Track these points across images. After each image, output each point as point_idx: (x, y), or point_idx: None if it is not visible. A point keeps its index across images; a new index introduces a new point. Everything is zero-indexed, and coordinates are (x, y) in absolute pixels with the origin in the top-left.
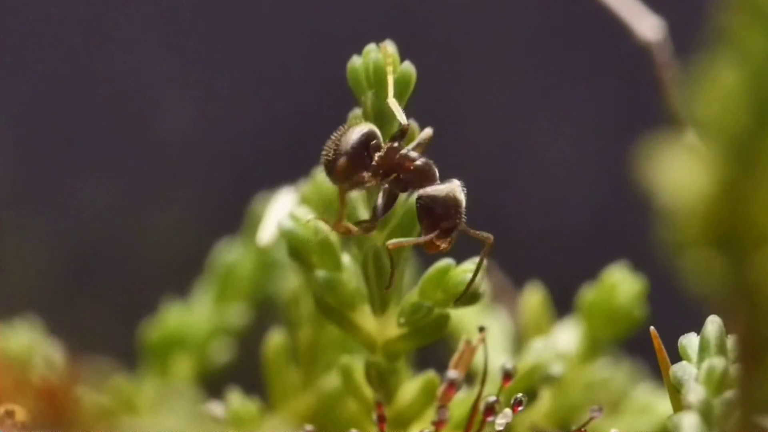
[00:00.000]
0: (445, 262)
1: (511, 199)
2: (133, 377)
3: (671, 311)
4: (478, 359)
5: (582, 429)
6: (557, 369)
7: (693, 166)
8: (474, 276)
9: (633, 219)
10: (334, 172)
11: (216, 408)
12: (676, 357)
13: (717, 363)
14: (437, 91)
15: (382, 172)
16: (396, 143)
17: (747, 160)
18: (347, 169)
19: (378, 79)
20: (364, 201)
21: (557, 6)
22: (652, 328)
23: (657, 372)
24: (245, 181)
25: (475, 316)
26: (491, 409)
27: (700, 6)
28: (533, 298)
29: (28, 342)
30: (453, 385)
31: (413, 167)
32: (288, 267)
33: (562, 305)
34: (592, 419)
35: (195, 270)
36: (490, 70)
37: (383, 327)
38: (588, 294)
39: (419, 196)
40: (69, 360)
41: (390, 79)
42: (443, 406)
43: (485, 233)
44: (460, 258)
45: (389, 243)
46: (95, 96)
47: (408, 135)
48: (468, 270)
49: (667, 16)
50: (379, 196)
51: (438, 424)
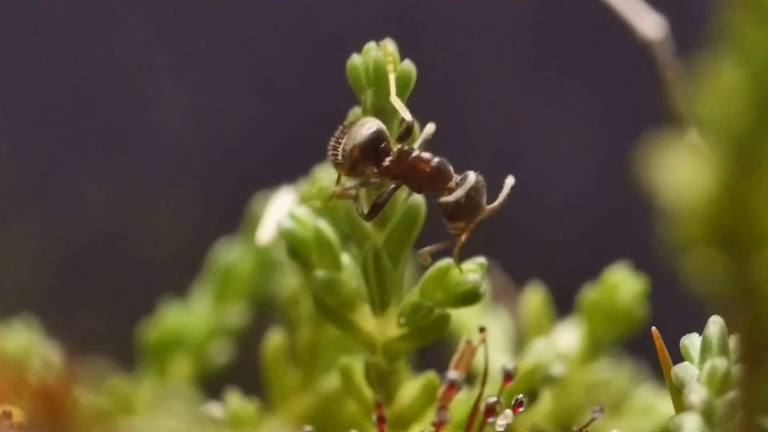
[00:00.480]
0: (446, 262)
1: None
2: (132, 378)
3: (673, 311)
4: (478, 360)
5: (583, 430)
6: (558, 369)
7: (695, 165)
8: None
9: (635, 218)
10: (343, 162)
11: (215, 409)
12: (677, 357)
13: (719, 363)
14: (437, 91)
15: (393, 173)
16: (407, 146)
17: (749, 159)
18: (358, 161)
19: (378, 78)
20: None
21: (559, 5)
22: (653, 328)
23: (659, 372)
24: (244, 181)
25: (476, 316)
26: (492, 410)
27: (702, 4)
28: (534, 297)
29: (25, 342)
30: (453, 386)
31: (430, 169)
32: (287, 267)
33: (563, 305)
34: (593, 420)
35: (194, 270)
36: (490, 69)
37: (383, 327)
38: (589, 294)
39: (445, 203)
40: (66, 360)
41: (391, 77)
42: (443, 407)
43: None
44: (460, 258)
45: (419, 253)
46: (93, 95)
47: (412, 132)
48: (469, 270)
49: (669, 14)
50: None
51: (438, 425)
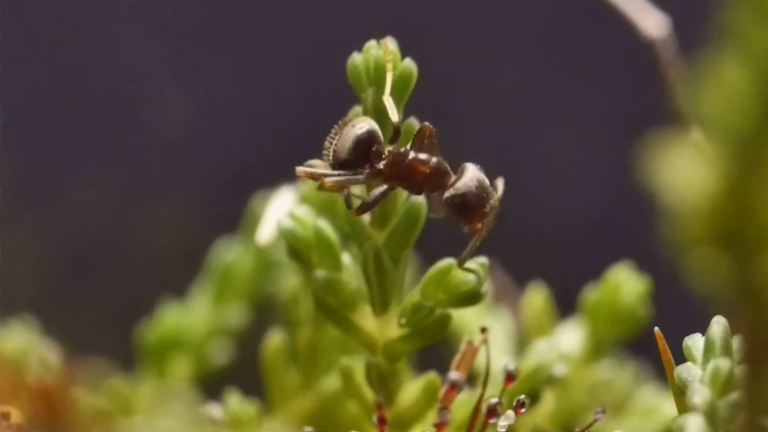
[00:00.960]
0: (447, 261)
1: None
2: (131, 378)
3: (676, 311)
4: (480, 360)
5: (586, 431)
6: (560, 370)
7: (698, 164)
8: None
9: (637, 218)
10: (333, 161)
11: (214, 410)
12: (680, 358)
13: (722, 364)
14: (439, 89)
15: (387, 175)
16: (402, 149)
17: (752, 158)
18: (346, 161)
19: (379, 76)
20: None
21: (561, 3)
22: (656, 328)
23: (661, 373)
24: (244, 180)
25: (477, 316)
26: (493, 411)
27: (705, 2)
28: (536, 298)
29: (23, 343)
30: (455, 387)
31: (430, 170)
32: (287, 267)
33: (565, 305)
34: (595, 421)
35: (193, 270)
36: (492, 67)
37: (384, 328)
38: (592, 294)
39: (451, 196)
40: (65, 361)
41: (388, 77)
42: (445, 407)
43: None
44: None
45: (460, 263)
46: (92, 94)
47: (400, 133)
48: (471, 270)
49: (672, 12)
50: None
51: (439, 426)
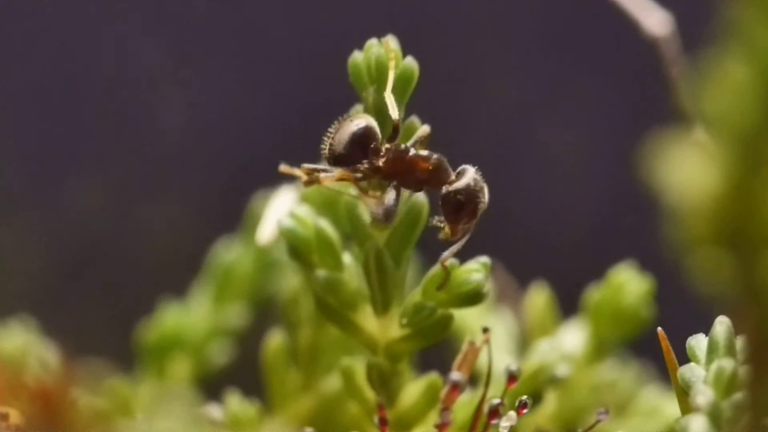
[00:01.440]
0: (448, 261)
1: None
2: (130, 379)
3: (679, 312)
4: (482, 361)
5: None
6: (563, 370)
7: (701, 163)
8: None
9: (640, 217)
10: (329, 156)
11: (214, 410)
12: (684, 358)
13: (726, 364)
14: (441, 88)
15: (386, 172)
16: (403, 145)
17: (756, 157)
18: (342, 156)
19: (380, 75)
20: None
21: (563, 1)
22: (659, 328)
23: (665, 374)
24: (244, 179)
25: (479, 316)
26: (495, 412)
27: (708, 1)
28: (538, 298)
29: (22, 343)
30: (456, 387)
31: (431, 166)
32: (288, 266)
33: (567, 305)
34: (598, 422)
35: (193, 270)
36: (495, 65)
37: (385, 328)
38: (594, 294)
39: (449, 193)
40: (64, 361)
41: (390, 74)
42: (446, 408)
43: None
44: (463, 257)
45: (444, 263)
46: (90, 94)
47: (400, 132)
48: (472, 270)
49: (675, 11)
50: (387, 194)
51: (441, 426)
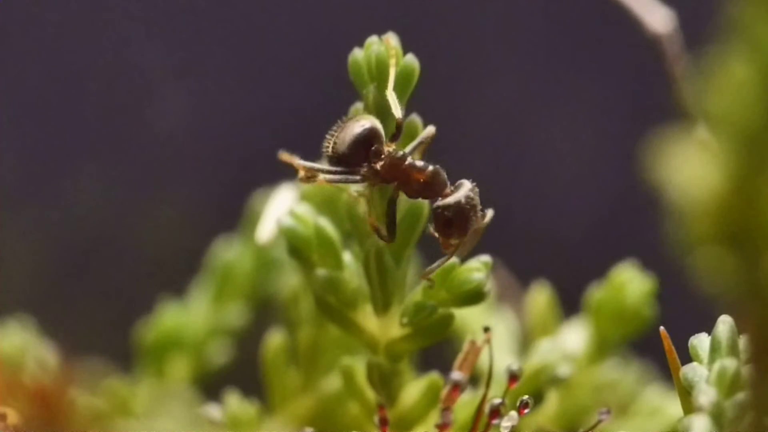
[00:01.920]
0: (450, 261)
1: (518, 196)
2: (129, 379)
3: (681, 311)
4: (483, 360)
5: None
6: (564, 370)
7: (704, 161)
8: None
9: (642, 216)
10: (331, 156)
11: (213, 411)
12: (686, 358)
13: (728, 364)
14: (442, 86)
15: (383, 176)
16: (400, 152)
17: (759, 155)
18: (345, 157)
19: (380, 72)
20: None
21: None
22: (661, 328)
23: (667, 373)
24: (244, 177)
25: (480, 315)
26: (496, 412)
27: None
28: (540, 297)
29: (20, 343)
30: (457, 387)
31: (424, 178)
32: (288, 265)
33: (569, 305)
34: (600, 422)
35: (192, 268)
36: (496, 63)
37: (386, 327)
38: (596, 293)
39: (440, 207)
40: (63, 361)
41: (391, 72)
42: (447, 408)
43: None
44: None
45: (425, 274)
46: (90, 92)
47: (402, 131)
48: (473, 269)
49: (678, 8)
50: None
51: (442, 427)
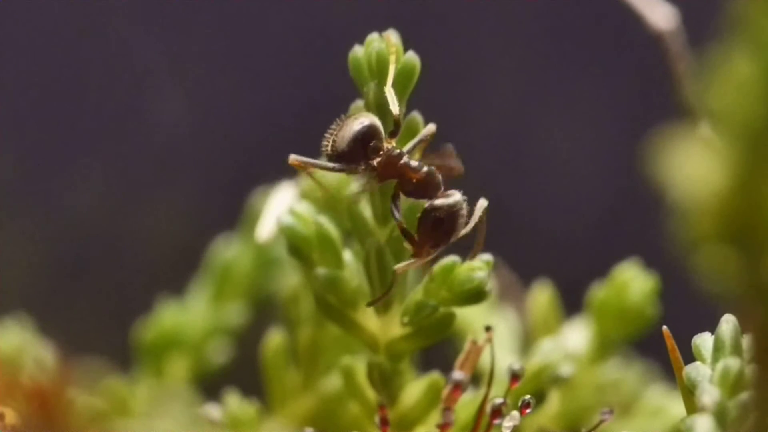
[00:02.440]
0: (450, 259)
1: (519, 195)
2: (127, 379)
3: (684, 310)
4: (484, 360)
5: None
6: (566, 370)
7: (707, 159)
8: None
9: (645, 215)
10: (330, 153)
11: (213, 410)
12: (689, 357)
13: (732, 363)
14: (442, 83)
15: (381, 174)
16: (398, 150)
17: (762, 153)
18: (344, 155)
19: (380, 70)
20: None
21: None
22: (664, 327)
23: (670, 373)
24: (243, 176)
25: (482, 315)
26: (498, 412)
27: None
28: (541, 296)
29: (18, 342)
30: (458, 387)
31: (416, 179)
32: (288, 264)
33: (571, 304)
34: (602, 422)
35: (191, 267)
36: (498, 61)
37: (386, 326)
38: (598, 292)
39: (429, 209)
40: (61, 361)
41: (391, 69)
42: (448, 408)
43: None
44: (465, 255)
45: (397, 268)
46: (90, 92)
47: (401, 127)
48: (474, 267)
49: (681, 5)
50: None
51: (443, 426)
